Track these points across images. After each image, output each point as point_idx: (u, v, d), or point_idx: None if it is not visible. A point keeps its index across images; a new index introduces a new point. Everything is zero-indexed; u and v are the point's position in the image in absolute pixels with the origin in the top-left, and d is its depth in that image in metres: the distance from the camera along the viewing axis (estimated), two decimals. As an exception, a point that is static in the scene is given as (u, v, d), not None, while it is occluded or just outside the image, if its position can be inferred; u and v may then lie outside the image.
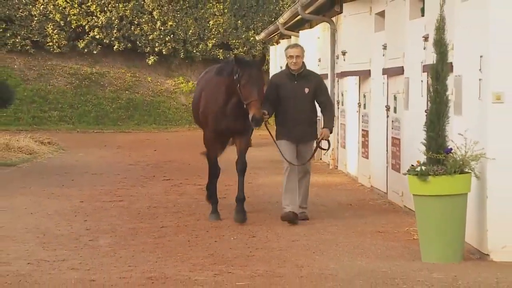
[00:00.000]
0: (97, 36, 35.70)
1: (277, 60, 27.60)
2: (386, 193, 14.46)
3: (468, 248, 9.76)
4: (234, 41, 36.75)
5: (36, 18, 35.08)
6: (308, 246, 10.28)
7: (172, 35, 36.52)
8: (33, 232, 11.34)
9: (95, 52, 35.95)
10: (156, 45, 36.29)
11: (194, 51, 36.86)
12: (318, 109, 12.44)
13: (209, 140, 12.51)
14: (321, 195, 14.60)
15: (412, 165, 9.54)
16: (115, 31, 35.87)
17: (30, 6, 35.08)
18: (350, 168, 18.22)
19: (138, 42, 36.26)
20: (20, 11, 35.00)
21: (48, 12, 35.19)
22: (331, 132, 12.03)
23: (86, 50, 35.86)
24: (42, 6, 35.14)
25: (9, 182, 16.97)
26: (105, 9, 35.73)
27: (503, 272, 8.71)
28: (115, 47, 36.04)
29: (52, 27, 35.20)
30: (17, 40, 34.90)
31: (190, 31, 36.69)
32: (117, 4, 35.82)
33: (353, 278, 8.48)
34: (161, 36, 36.34)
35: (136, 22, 36.18)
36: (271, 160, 11.57)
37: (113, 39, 35.93)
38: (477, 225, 9.66)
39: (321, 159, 20.53)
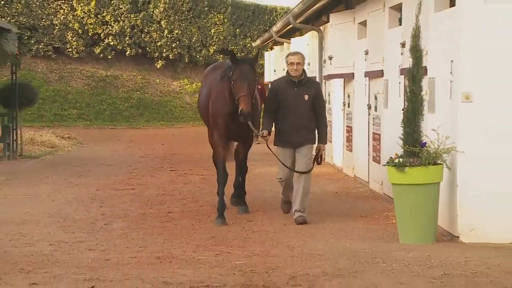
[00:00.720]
0: (111, 43, 35.68)
1: (271, 64, 27.56)
2: (368, 182, 14.46)
3: (440, 231, 9.77)
4: (233, 47, 36.72)
5: (57, 27, 35.02)
6: (299, 229, 10.28)
7: (178, 42, 36.50)
8: (54, 217, 11.34)
9: (109, 57, 35.93)
10: (164, 50, 36.27)
11: (198, 56, 36.87)
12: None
13: (217, 143, 11.34)
14: (311, 184, 14.56)
15: (391, 158, 9.54)
16: (127, 38, 35.84)
17: (52, 16, 35.03)
18: (336, 160, 18.24)
19: (147, 48, 36.23)
20: (43, 20, 34.95)
21: (68, 21, 35.15)
22: (325, 145, 11.14)
23: (101, 55, 35.83)
24: (63, 16, 35.09)
25: (33, 172, 16.96)
26: (119, 19, 35.68)
27: (471, 252, 8.72)
28: (127, 52, 36.00)
29: (71, 35, 35.17)
30: (40, 46, 34.86)
31: (194, 38, 36.69)
32: (129, 15, 35.79)
33: (338, 257, 8.48)
34: (168, 43, 36.32)
35: (146, 30, 36.15)
36: (266, 152, 11.46)
37: (125, 45, 35.89)
38: (448, 211, 9.67)
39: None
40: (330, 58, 17.09)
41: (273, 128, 10.91)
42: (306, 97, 10.67)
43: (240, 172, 11.66)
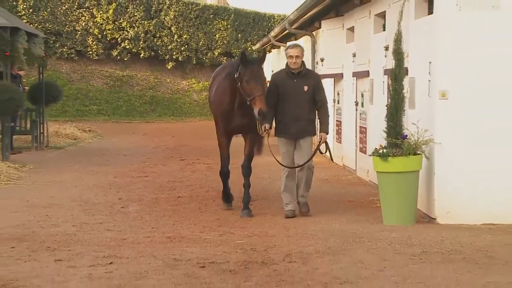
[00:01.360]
0: (127, 47, 35.59)
1: (270, 66, 27.51)
2: (355, 170, 14.46)
3: (419, 213, 9.78)
4: (235, 50, 36.63)
5: (79, 32, 34.95)
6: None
7: (186, 46, 36.42)
8: (76, 201, 11.35)
9: (125, 59, 35.85)
10: (174, 53, 36.18)
11: (204, 58, 36.78)
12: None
13: (221, 139, 10.58)
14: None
15: (376, 148, 9.54)
16: (141, 42, 35.75)
17: (75, 23, 34.94)
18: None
19: (159, 51, 36.15)
20: (67, 26, 34.86)
21: (88, 27, 35.07)
22: (327, 134, 10.07)
23: (118, 58, 35.76)
24: (84, 22, 35.01)
25: (58, 161, 16.96)
26: (134, 25, 35.60)
27: (447, 232, 8.73)
28: (141, 55, 35.93)
29: (91, 39, 35.10)
30: (64, 49, 34.79)
31: (201, 42, 36.60)
32: (143, 21, 35.70)
33: (329, 237, 8.49)
34: (178, 46, 36.24)
35: (158, 35, 36.06)
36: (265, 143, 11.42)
37: (139, 48, 35.80)
38: (427, 196, 9.68)
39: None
40: (322, 60, 17.08)
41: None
42: (306, 88, 9.82)
43: (245, 172, 10.32)
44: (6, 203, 11.05)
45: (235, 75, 9.82)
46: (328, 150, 10.17)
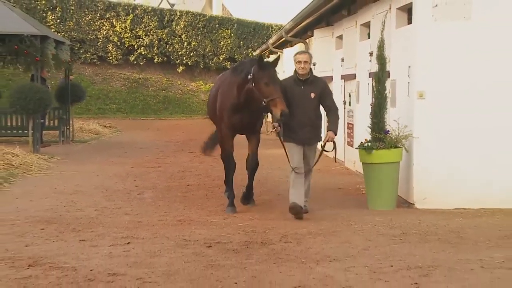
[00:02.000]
0: (143, 53, 35.54)
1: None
2: (344, 161, 14.46)
3: (399, 199, 9.78)
4: (238, 55, 36.58)
5: (100, 40, 34.88)
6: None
7: (194, 52, 36.36)
8: (98, 188, 11.35)
9: (141, 63, 35.79)
10: (184, 58, 36.13)
11: (210, 63, 36.72)
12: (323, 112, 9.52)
13: (225, 136, 9.50)
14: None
15: (361, 142, 9.56)
16: (155, 49, 35.70)
17: (97, 32, 34.87)
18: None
19: (171, 57, 36.10)
20: (90, 35, 34.79)
21: (109, 35, 35.00)
22: (335, 134, 8.87)
23: (135, 62, 35.71)
24: (105, 31, 34.94)
25: (82, 153, 16.96)
26: (148, 33, 35.54)
27: (424, 216, 8.75)
28: (155, 60, 35.86)
29: (111, 46, 35.04)
30: (87, 55, 34.72)
31: (207, 49, 36.54)
32: (157, 30, 35.64)
33: (321, 220, 8.50)
34: (187, 52, 36.18)
35: (169, 43, 36.00)
36: (262, 138, 11.33)
37: (154, 54, 35.74)
38: (406, 184, 9.69)
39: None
40: (314, 64, 16.96)
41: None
42: (313, 95, 8.75)
43: (251, 167, 9.55)
44: (37, 190, 11.06)
45: (248, 76, 8.78)
46: (334, 150, 9.17)
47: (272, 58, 27.81)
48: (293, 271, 6.16)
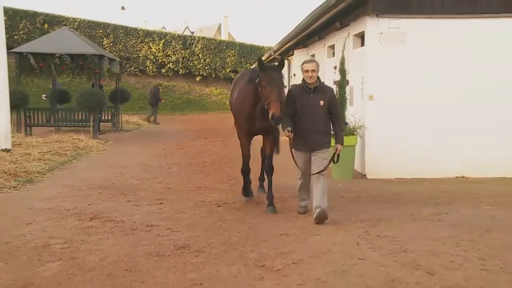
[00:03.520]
0: (171, 67, 35.38)
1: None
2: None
3: (356, 172, 9.77)
4: (239, 68, 36.41)
5: (141, 58, 34.66)
6: (280, 169, 10.17)
7: (208, 66, 36.21)
8: (139, 164, 11.30)
9: (170, 74, 35.61)
10: (200, 71, 35.97)
11: (219, 74, 36.57)
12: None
13: (243, 140, 7.27)
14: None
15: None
16: (180, 64, 35.51)
17: (138, 51, 34.65)
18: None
19: (191, 69, 35.95)
20: (133, 54, 34.56)
21: (147, 55, 34.81)
22: (342, 145, 6.60)
23: (165, 73, 35.51)
24: (144, 51, 34.71)
25: (128, 139, 16.89)
26: (175, 53, 35.36)
27: (373, 184, 8.73)
28: (180, 72, 35.69)
29: (149, 62, 34.83)
30: (131, 68, 34.51)
31: (217, 64, 36.41)
32: (181, 51, 35.49)
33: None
34: (203, 67, 36.03)
35: (190, 60, 35.81)
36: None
37: (179, 68, 35.57)
38: (360, 160, 9.68)
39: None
40: (294, 75, 16.96)
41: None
42: (322, 102, 6.46)
43: (267, 171, 7.06)
44: (96, 165, 11.01)
45: (256, 80, 6.60)
46: (337, 159, 6.69)
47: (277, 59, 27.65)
48: (279, 223, 6.16)
